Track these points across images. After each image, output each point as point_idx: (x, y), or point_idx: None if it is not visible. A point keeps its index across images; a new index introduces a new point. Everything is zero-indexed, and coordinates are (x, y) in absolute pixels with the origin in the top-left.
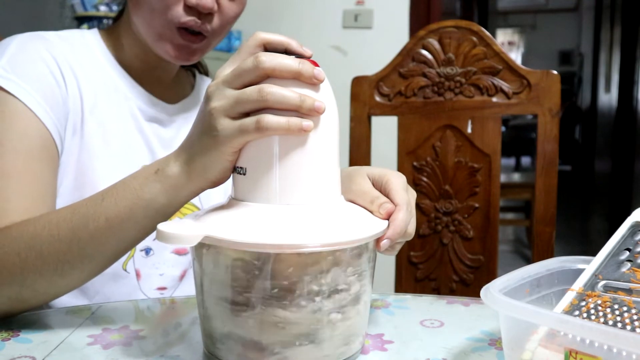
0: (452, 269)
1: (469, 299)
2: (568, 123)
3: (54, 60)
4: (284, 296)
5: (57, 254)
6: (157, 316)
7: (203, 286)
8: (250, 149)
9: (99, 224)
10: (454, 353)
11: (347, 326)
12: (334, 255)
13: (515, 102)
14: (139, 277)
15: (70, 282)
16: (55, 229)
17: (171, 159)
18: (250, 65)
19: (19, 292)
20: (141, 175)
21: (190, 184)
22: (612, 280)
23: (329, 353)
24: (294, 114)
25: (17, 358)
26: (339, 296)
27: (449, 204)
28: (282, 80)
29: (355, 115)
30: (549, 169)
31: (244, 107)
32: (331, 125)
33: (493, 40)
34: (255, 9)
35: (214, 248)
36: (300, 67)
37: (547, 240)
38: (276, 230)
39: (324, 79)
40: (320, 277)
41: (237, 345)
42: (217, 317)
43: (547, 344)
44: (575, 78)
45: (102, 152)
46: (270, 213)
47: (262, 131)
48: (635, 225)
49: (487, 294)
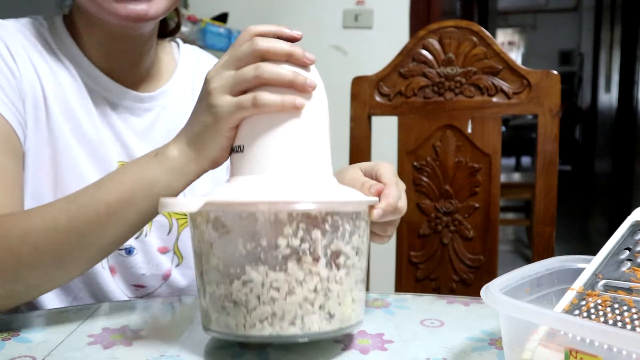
0: (452, 269)
1: (469, 299)
2: (568, 123)
3: (6, 48)
4: (279, 256)
5: (54, 245)
6: (157, 316)
7: (203, 257)
8: (247, 127)
9: (99, 210)
10: (454, 353)
11: (338, 295)
12: (329, 219)
13: (515, 102)
14: (113, 272)
15: (69, 273)
16: (51, 221)
17: (171, 143)
18: (247, 48)
19: (11, 288)
20: (141, 160)
21: (191, 164)
22: (612, 280)
23: (322, 320)
24: (289, 92)
25: (17, 358)
26: (333, 261)
27: (449, 204)
28: (276, 62)
29: (356, 115)
30: (549, 168)
31: (242, 85)
32: (321, 105)
33: (493, 40)
34: (255, 9)
35: (213, 215)
36: (292, 48)
37: (547, 240)
38: (270, 191)
39: (314, 60)
40: (314, 241)
41: (236, 313)
42: (216, 286)
43: (547, 344)
44: (575, 78)
45: (71, 147)
46: (266, 181)
47: (259, 107)
48: (635, 224)
49: (488, 294)
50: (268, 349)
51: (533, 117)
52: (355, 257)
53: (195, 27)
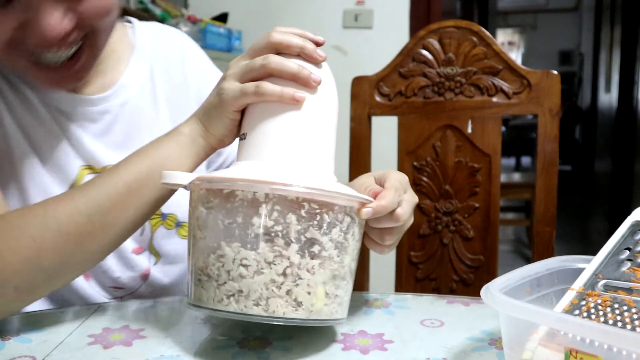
0: (452, 269)
1: (469, 299)
2: (568, 123)
3: None
4: (252, 235)
5: (77, 227)
6: (157, 316)
7: (191, 231)
8: (252, 115)
9: (118, 189)
10: (454, 353)
11: (308, 284)
12: (306, 205)
13: (515, 102)
14: (87, 277)
15: (91, 259)
16: (72, 204)
17: (184, 122)
18: (264, 40)
19: (33, 278)
20: (155, 140)
21: (201, 140)
22: (612, 280)
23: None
24: (294, 85)
25: (17, 358)
26: (307, 249)
27: (449, 204)
28: (288, 55)
29: (356, 115)
30: (549, 168)
31: (251, 73)
32: (327, 103)
33: (493, 40)
34: (255, 9)
35: (202, 191)
36: (304, 44)
37: (547, 240)
38: (253, 172)
39: (325, 58)
40: (288, 224)
41: (208, 286)
42: (197, 259)
43: (547, 344)
44: (575, 78)
45: (29, 160)
46: (259, 166)
47: (259, 95)
48: (635, 224)
49: (488, 294)
50: (268, 349)
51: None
52: (334, 251)
53: (195, 27)
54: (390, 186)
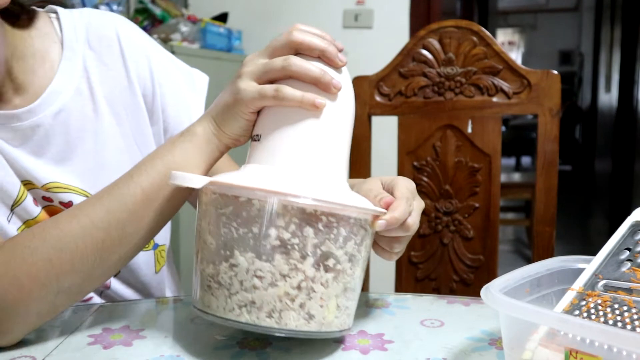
0: (452, 269)
1: (469, 299)
2: (568, 123)
3: None
4: (268, 246)
5: (94, 243)
6: (157, 316)
7: (200, 235)
8: (267, 117)
9: (136, 197)
10: (454, 353)
11: (322, 297)
12: (324, 219)
13: (515, 102)
14: None
15: (109, 271)
16: (87, 219)
17: (197, 122)
18: (283, 39)
19: (52, 301)
20: (168, 142)
21: (216, 139)
22: (612, 280)
23: (300, 318)
24: (315, 90)
25: (17, 358)
26: (322, 263)
27: (449, 204)
28: (308, 57)
29: (356, 115)
30: (549, 168)
31: (269, 74)
32: (345, 110)
33: (493, 40)
34: (255, 9)
35: (214, 195)
36: (326, 46)
37: (547, 240)
38: (271, 181)
39: (346, 62)
40: (305, 237)
41: (218, 294)
42: (207, 264)
43: (547, 344)
44: (575, 78)
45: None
46: (273, 172)
47: (279, 99)
48: (635, 224)
49: (488, 294)
50: (268, 349)
51: (533, 117)
52: (347, 264)
53: (195, 27)
54: (401, 196)
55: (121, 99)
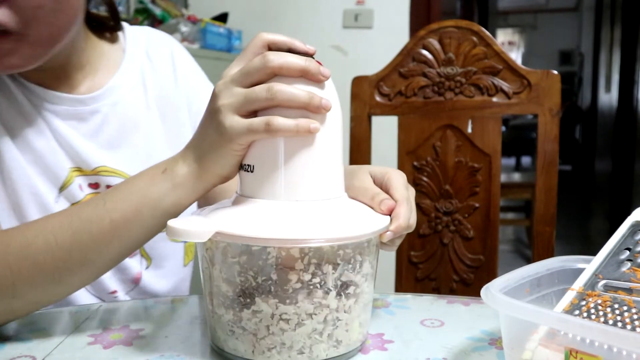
0: (452, 269)
1: (469, 299)
2: (568, 123)
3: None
4: (290, 290)
5: (55, 261)
6: (157, 316)
7: (212, 280)
8: (258, 148)
9: (103, 226)
10: (454, 353)
11: (347, 323)
12: (341, 253)
13: (515, 102)
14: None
15: (67, 289)
16: (52, 236)
17: (179, 158)
18: (258, 63)
19: (9, 303)
20: (147, 175)
21: (200, 181)
22: (612, 280)
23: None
24: (301, 112)
25: (17, 358)
26: (343, 292)
27: (449, 204)
28: (288, 78)
29: (356, 115)
30: (549, 168)
31: (253, 105)
32: (335, 123)
33: (493, 40)
34: (255, 9)
35: (222, 243)
36: (306, 64)
37: (547, 240)
38: (283, 226)
39: (329, 76)
40: (325, 275)
41: (244, 339)
42: (225, 310)
43: (548, 344)
44: (575, 78)
45: (17, 160)
46: (277, 209)
47: (272, 132)
48: (635, 224)
49: (488, 294)
50: None
51: (533, 117)
52: (365, 284)
53: (195, 27)
54: (402, 198)
55: (169, 106)
